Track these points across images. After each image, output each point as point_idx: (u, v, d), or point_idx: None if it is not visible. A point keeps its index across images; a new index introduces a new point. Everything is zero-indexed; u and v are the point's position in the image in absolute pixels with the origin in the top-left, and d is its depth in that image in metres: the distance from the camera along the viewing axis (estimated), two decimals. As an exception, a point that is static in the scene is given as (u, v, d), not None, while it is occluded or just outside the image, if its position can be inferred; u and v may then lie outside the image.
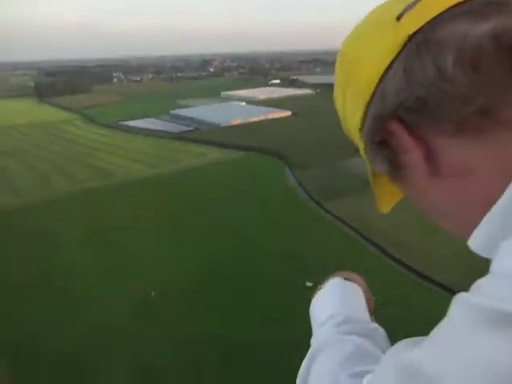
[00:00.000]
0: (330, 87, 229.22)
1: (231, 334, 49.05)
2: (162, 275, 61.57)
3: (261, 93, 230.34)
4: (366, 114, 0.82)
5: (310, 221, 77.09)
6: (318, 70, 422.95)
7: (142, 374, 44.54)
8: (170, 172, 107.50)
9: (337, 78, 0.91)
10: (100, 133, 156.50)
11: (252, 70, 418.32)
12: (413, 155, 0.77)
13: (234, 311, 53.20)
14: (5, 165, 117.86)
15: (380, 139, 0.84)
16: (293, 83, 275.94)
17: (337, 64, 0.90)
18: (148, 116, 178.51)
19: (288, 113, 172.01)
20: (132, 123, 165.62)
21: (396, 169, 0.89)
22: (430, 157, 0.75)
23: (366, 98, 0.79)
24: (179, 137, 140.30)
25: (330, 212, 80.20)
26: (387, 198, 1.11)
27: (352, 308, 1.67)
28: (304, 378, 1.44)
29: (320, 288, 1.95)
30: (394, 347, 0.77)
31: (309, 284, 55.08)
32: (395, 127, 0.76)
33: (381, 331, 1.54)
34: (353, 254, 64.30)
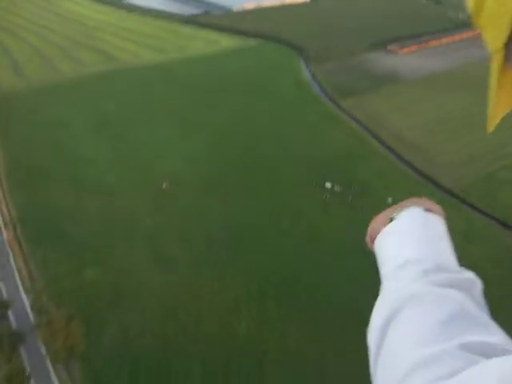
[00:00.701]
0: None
1: (242, 223, 51.17)
2: (172, 167, 62.28)
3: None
4: None
5: (323, 119, 75.50)
6: None
7: (154, 258, 47.71)
8: (179, 59, 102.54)
9: None
10: (102, 11, 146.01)
11: None
12: None
13: (244, 204, 54.65)
14: (5, 44, 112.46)
15: None
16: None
17: None
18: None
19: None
20: (137, 1, 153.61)
21: None
22: None
23: None
24: (189, 20, 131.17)
25: (344, 110, 78.14)
26: (502, 108, 0.84)
27: (440, 250, 1.40)
28: (383, 329, 1.17)
29: (392, 218, 1.56)
30: None
31: (328, 185, 55.55)
32: None
33: (478, 284, 1.28)
34: (365, 155, 64.07)
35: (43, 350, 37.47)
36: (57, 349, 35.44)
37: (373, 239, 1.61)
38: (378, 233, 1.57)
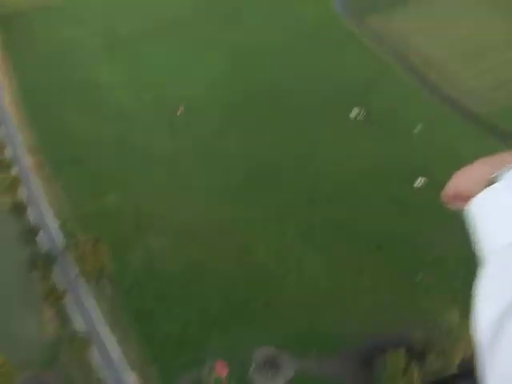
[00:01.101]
0: None
1: (260, 149, 50.80)
2: (188, 90, 60.33)
3: None
4: None
5: (345, 39, 70.91)
6: None
7: (172, 183, 48.37)
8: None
9: None
10: None
11: None
12: None
13: (263, 129, 53.44)
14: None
15: None
16: None
17: None
18: None
19: None
20: None
21: None
22: None
23: None
24: None
25: (367, 29, 73.07)
26: None
27: None
28: (500, 319, 1.00)
29: (491, 182, 1.22)
30: None
31: (353, 113, 53.47)
32: None
33: None
34: (390, 79, 60.58)
35: (74, 271, 39.80)
36: (88, 269, 37.56)
37: (462, 197, 1.28)
38: (472, 193, 1.24)
